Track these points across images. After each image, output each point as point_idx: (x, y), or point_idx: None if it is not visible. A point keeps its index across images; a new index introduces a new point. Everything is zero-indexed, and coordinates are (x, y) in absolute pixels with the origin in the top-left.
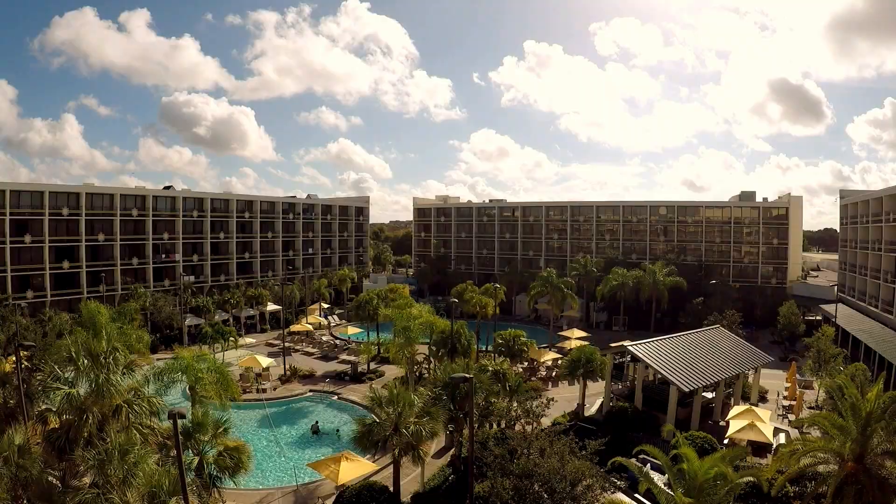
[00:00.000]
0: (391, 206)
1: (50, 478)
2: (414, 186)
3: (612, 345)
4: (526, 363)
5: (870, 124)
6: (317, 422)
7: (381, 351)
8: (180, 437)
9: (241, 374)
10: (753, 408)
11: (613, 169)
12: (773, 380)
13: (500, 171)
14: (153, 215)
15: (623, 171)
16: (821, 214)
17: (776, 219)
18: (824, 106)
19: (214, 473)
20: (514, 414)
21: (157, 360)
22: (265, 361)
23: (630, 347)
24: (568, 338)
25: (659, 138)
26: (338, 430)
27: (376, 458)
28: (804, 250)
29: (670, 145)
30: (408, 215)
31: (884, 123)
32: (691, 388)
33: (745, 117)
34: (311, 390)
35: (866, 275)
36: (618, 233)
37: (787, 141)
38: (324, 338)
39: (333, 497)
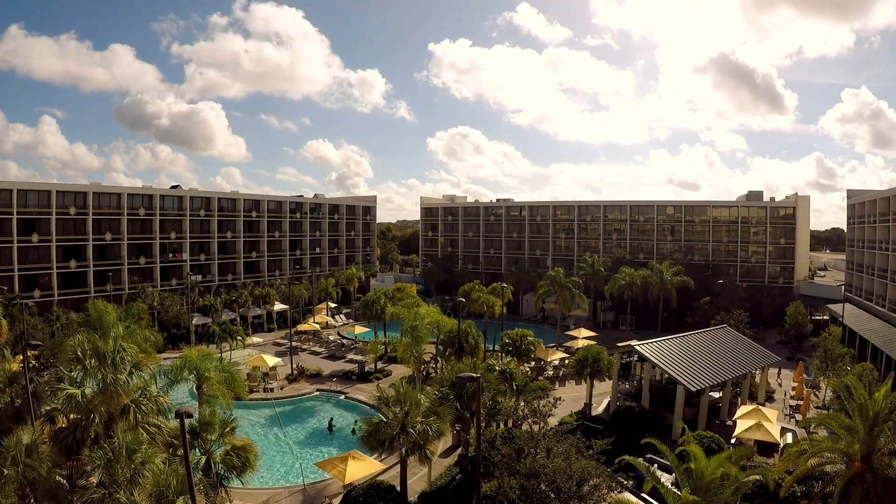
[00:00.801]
0: (384, 203)
1: (57, 477)
2: (399, 185)
3: (620, 344)
4: (533, 363)
5: (839, 121)
6: (332, 418)
7: (388, 350)
8: (187, 436)
9: (248, 374)
10: (760, 407)
11: (585, 167)
12: (781, 379)
13: (479, 168)
14: (160, 214)
15: (598, 168)
16: (819, 213)
17: (783, 218)
18: (777, 84)
19: (222, 473)
20: (521, 413)
21: (164, 359)
22: (272, 361)
23: (637, 347)
24: (575, 337)
25: (621, 134)
26: (356, 422)
27: (383, 457)
28: (812, 250)
29: (631, 142)
30: (402, 214)
31: (849, 118)
32: (698, 388)
33: (705, 108)
34: (318, 389)
35: (874, 274)
36: (625, 232)
37: (762, 139)
38: (331, 337)
39: (340, 496)
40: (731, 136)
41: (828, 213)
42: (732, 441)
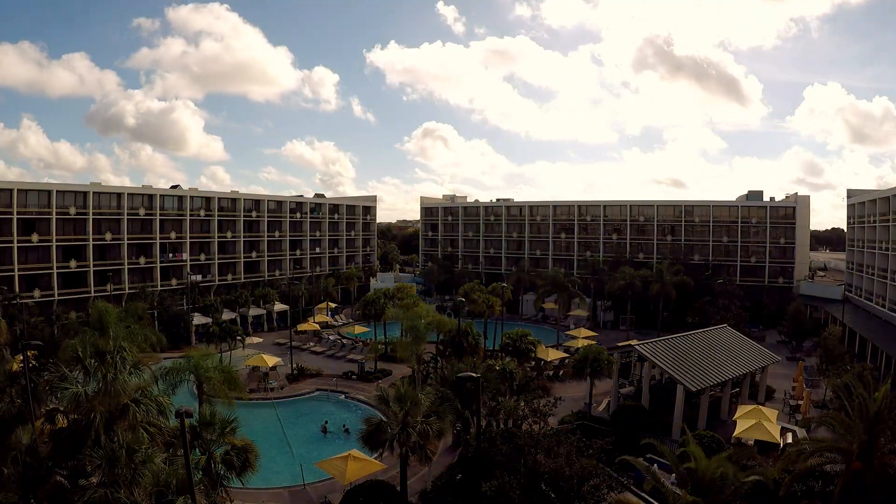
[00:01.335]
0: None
1: (57, 477)
2: (383, 184)
3: (620, 344)
4: (533, 362)
5: (810, 117)
6: (326, 421)
7: (388, 350)
8: (188, 436)
9: (248, 374)
10: (761, 407)
11: (565, 166)
12: (781, 379)
13: (456, 165)
14: (161, 214)
15: (577, 167)
16: (813, 212)
17: (783, 218)
18: (739, 79)
19: (222, 472)
20: (521, 413)
21: (165, 359)
22: (272, 360)
23: (637, 347)
24: (575, 337)
25: (592, 133)
26: (345, 427)
27: (384, 456)
28: (811, 249)
29: (603, 140)
30: (394, 213)
31: (820, 114)
32: (699, 388)
33: (673, 105)
34: (318, 389)
35: (874, 274)
36: (625, 232)
37: (740, 138)
38: (331, 337)
39: (341, 496)
40: (710, 135)
41: (819, 213)
42: (732, 440)
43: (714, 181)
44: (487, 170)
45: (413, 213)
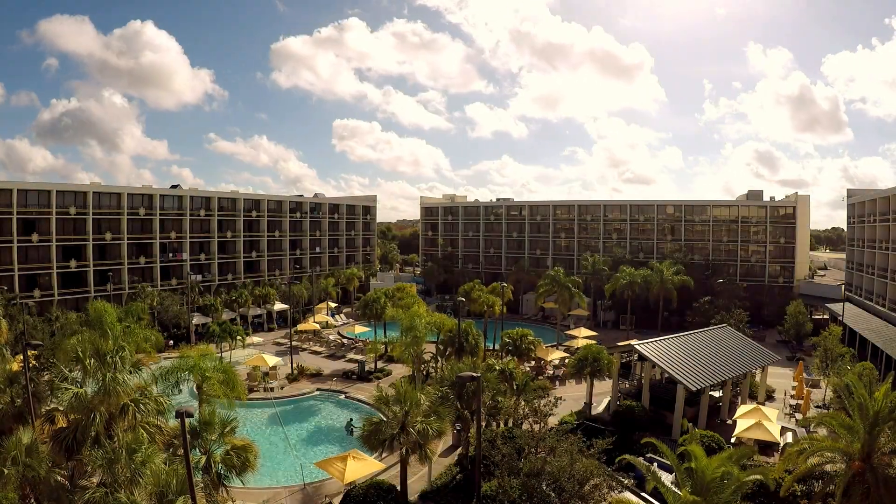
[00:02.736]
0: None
1: (58, 477)
2: (341, 181)
3: (620, 344)
4: (533, 362)
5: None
6: (351, 419)
7: (388, 350)
8: (188, 436)
9: (248, 373)
10: (761, 407)
11: (508, 161)
12: (781, 379)
13: (400, 160)
14: (160, 214)
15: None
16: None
17: (783, 218)
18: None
19: (222, 472)
20: (521, 413)
21: (165, 359)
22: (272, 360)
23: (637, 346)
24: (575, 337)
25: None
26: (350, 420)
27: (384, 456)
28: (812, 249)
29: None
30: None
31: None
32: (699, 388)
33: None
34: (318, 389)
35: (874, 274)
36: (625, 231)
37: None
38: (331, 336)
39: (340, 496)
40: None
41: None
42: (732, 440)
43: (682, 178)
44: (438, 167)
45: (390, 212)
